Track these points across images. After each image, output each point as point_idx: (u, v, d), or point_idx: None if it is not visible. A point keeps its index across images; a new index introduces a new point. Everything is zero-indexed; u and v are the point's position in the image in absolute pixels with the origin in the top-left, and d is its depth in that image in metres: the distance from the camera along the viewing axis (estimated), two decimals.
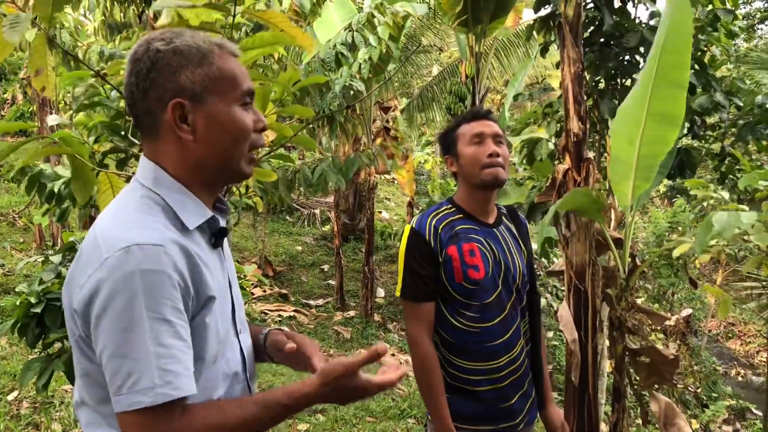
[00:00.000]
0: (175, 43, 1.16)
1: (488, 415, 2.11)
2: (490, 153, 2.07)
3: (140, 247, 1.05)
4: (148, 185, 1.18)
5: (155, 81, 1.15)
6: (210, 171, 1.20)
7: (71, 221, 7.83)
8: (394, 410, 4.97)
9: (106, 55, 4.43)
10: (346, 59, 4.62)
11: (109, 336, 1.04)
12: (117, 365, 1.03)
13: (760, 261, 3.53)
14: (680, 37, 2.99)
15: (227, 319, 1.25)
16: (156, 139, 1.19)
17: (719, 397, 10.22)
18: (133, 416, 1.03)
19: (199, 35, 1.20)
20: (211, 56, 1.17)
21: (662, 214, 12.55)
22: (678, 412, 3.43)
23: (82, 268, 1.10)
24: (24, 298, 2.58)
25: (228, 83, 1.18)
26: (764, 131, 4.74)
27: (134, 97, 1.17)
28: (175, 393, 1.03)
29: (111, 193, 1.83)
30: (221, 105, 1.17)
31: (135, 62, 1.16)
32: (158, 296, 1.04)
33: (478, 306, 2.08)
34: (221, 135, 1.18)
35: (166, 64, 1.14)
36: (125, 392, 1.02)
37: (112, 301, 1.03)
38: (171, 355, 1.04)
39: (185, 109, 1.15)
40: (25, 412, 4.04)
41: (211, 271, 1.18)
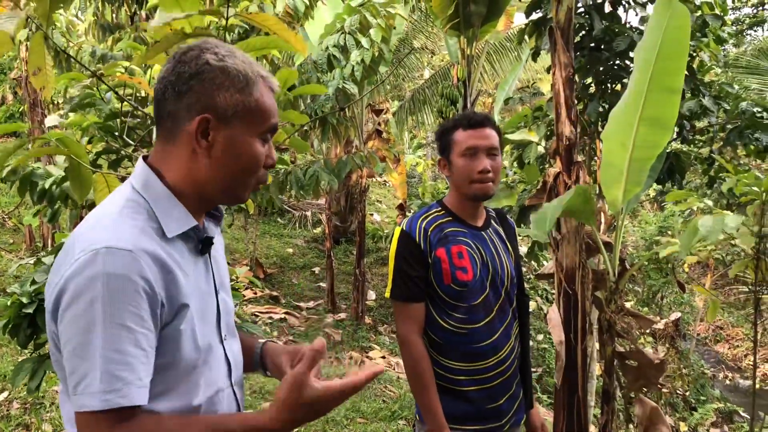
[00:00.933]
0: (226, 62, 1.17)
1: (476, 416, 2.13)
2: (481, 170, 2.08)
3: (109, 250, 1.05)
4: (137, 188, 1.19)
5: (192, 89, 1.16)
6: (210, 189, 1.21)
7: (62, 222, 7.80)
8: (384, 411, 4.98)
9: (98, 55, 4.43)
10: (338, 62, 4.64)
11: (69, 335, 1.04)
12: (74, 365, 1.04)
13: (746, 264, 3.57)
14: (678, 43, 3.03)
15: (210, 326, 1.25)
16: (170, 143, 1.20)
17: (707, 400, 10.29)
18: (83, 417, 1.04)
19: (250, 61, 1.21)
20: (253, 87, 1.19)
21: (652, 218, 12.63)
22: (663, 419, 3.45)
23: (57, 267, 1.11)
24: (16, 299, 2.58)
25: (258, 116, 1.20)
26: (752, 136, 4.79)
27: (166, 95, 1.18)
28: (121, 401, 1.03)
29: (107, 193, 1.83)
30: (244, 134, 1.19)
31: (181, 63, 1.17)
32: (120, 302, 1.03)
33: (465, 308, 2.10)
34: (234, 161, 1.19)
35: (210, 79, 1.16)
36: (78, 393, 1.03)
37: (75, 301, 1.04)
38: (125, 362, 1.03)
39: (210, 125, 1.16)
40: (15, 412, 4.02)
41: (189, 278, 1.18)
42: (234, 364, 1.33)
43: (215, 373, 1.25)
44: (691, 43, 4.87)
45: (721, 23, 4.87)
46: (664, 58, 3.05)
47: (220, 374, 1.27)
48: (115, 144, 2.38)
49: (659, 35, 3.03)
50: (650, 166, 3.32)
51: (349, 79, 4.69)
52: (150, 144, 2.59)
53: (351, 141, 9.23)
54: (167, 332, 1.12)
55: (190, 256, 1.22)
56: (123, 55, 3.29)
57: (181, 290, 1.14)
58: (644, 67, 3.12)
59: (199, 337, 1.19)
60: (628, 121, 3.19)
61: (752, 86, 9.57)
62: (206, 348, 1.21)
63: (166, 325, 1.12)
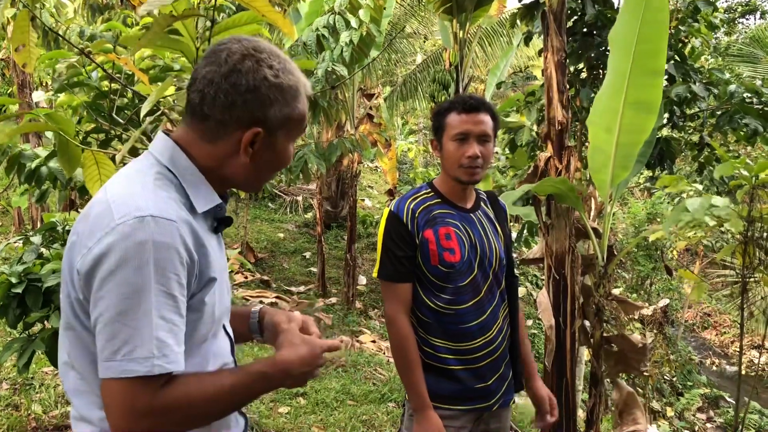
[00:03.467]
0: (281, 78, 1.19)
1: (464, 395, 2.14)
2: (470, 155, 2.07)
3: (155, 219, 1.06)
4: (164, 162, 1.19)
5: (247, 103, 1.16)
6: (237, 181, 1.27)
7: (51, 203, 7.76)
8: (374, 394, 5.01)
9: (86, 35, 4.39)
10: (328, 42, 4.61)
11: (111, 300, 1.04)
12: (115, 330, 1.04)
13: (734, 249, 3.60)
14: (656, 25, 3.03)
15: (225, 303, 1.29)
16: (208, 141, 1.20)
17: (694, 386, 10.41)
18: (121, 383, 1.03)
19: (299, 73, 1.24)
20: (299, 98, 1.23)
21: (641, 206, 12.69)
22: (638, 403, 3.50)
23: (90, 231, 1.10)
24: (4, 279, 2.57)
25: (299, 125, 1.25)
26: (741, 121, 4.80)
27: (216, 100, 1.16)
28: (169, 366, 1.05)
29: (96, 171, 1.82)
30: (285, 141, 1.24)
31: (235, 72, 1.16)
32: (167, 270, 1.06)
33: (452, 288, 2.12)
34: (271, 165, 1.26)
35: (266, 96, 1.18)
36: (119, 359, 1.03)
37: (121, 266, 1.04)
38: (170, 329, 1.06)
39: (258, 137, 1.19)
40: (5, 393, 4.02)
41: (215, 253, 1.21)
42: (233, 341, 1.36)
43: (222, 347, 1.29)
44: (683, 28, 4.88)
45: (712, 9, 4.88)
46: (645, 40, 3.05)
47: (226, 348, 1.31)
48: (104, 123, 2.36)
49: (638, 18, 3.03)
50: (639, 151, 3.34)
51: (338, 61, 4.67)
52: (139, 124, 2.57)
53: (342, 125, 9.21)
54: (192, 303, 1.15)
55: (209, 233, 1.24)
56: (112, 35, 3.26)
57: (211, 264, 1.18)
58: (624, 50, 3.12)
59: (217, 311, 1.23)
60: (612, 105, 3.20)
61: (744, 74, 9.61)
62: (218, 322, 1.26)
63: (193, 295, 1.15)
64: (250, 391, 1.19)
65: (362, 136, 5.11)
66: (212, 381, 1.14)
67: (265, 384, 1.20)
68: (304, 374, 1.23)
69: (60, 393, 4.08)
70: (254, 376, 1.18)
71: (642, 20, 3.02)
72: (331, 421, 4.42)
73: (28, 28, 1.80)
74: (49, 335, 2.58)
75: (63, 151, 1.83)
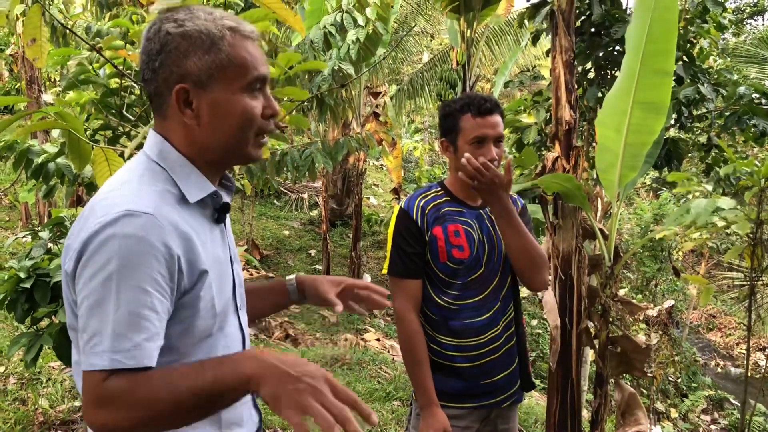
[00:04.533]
0: (185, 26, 1.14)
1: (471, 392, 2.15)
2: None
3: (129, 213, 1.05)
4: (153, 157, 1.19)
5: (163, 63, 1.14)
6: (215, 154, 1.20)
7: (58, 199, 7.79)
8: (379, 392, 5.01)
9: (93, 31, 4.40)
10: (335, 39, 4.61)
11: (85, 294, 1.05)
12: (85, 323, 1.04)
13: (742, 250, 3.59)
14: (666, 24, 3.02)
15: (227, 295, 1.25)
16: (163, 119, 1.20)
17: (698, 388, 10.37)
18: (86, 375, 1.03)
19: (214, 16, 1.17)
20: (221, 42, 1.15)
21: (647, 206, 12.66)
22: (640, 404, 3.49)
23: (76, 232, 1.11)
24: (13, 274, 2.58)
25: (236, 70, 1.16)
26: (749, 122, 4.79)
27: (145, 76, 1.18)
28: (128, 362, 1.02)
29: (107, 167, 1.83)
30: (226, 93, 1.16)
31: (147, 41, 1.16)
32: (136, 264, 1.03)
33: (460, 284, 2.13)
34: (225, 122, 1.17)
35: (174, 48, 1.13)
36: (87, 352, 1.03)
37: (91, 260, 1.04)
38: (136, 323, 1.03)
39: (189, 94, 1.14)
40: (12, 387, 4.04)
41: (205, 245, 1.18)
42: (246, 334, 1.34)
43: (231, 342, 1.26)
44: (692, 29, 4.86)
45: (721, 10, 4.86)
46: (654, 40, 3.04)
47: (236, 343, 1.28)
48: (114, 120, 2.37)
49: (647, 18, 3.02)
50: (647, 152, 3.33)
51: (345, 59, 4.67)
52: (148, 121, 2.58)
53: (348, 123, 9.21)
54: (187, 299, 1.13)
55: (206, 224, 1.22)
56: (120, 32, 3.27)
57: (199, 257, 1.14)
58: (635, 50, 3.11)
59: (217, 305, 1.19)
60: (621, 106, 3.19)
61: (751, 75, 9.57)
62: (223, 315, 1.22)
63: (185, 293, 1.13)
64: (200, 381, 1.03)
65: (368, 135, 5.11)
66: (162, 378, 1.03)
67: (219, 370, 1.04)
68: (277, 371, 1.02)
69: (66, 388, 4.09)
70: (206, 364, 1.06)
71: (651, 20, 3.01)
72: None
73: (40, 23, 1.81)
74: (56, 330, 2.59)
75: (73, 148, 1.84)
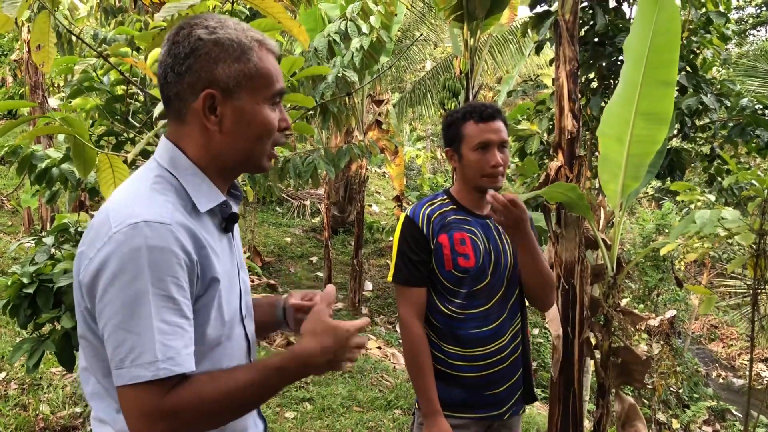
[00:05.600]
0: (218, 33, 1.16)
1: (474, 403, 2.14)
2: (494, 164, 2.09)
3: (148, 224, 1.06)
4: (164, 165, 1.20)
5: (191, 67, 1.15)
6: (230, 162, 1.22)
7: (60, 205, 7.79)
8: (380, 401, 5.00)
9: (99, 38, 4.42)
10: (339, 47, 4.62)
11: (114, 309, 1.05)
12: (120, 339, 1.05)
13: (745, 261, 3.58)
14: (668, 35, 3.03)
15: (235, 303, 1.27)
16: (181, 123, 1.21)
17: (700, 398, 10.33)
18: (132, 389, 1.04)
19: (243, 27, 1.20)
20: (250, 53, 1.18)
21: (650, 216, 12.65)
22: (640, 415, 3.48)
23: (91, 241, 1.11)
24: (16, 279, 2.58)
25: (262, 82, 1.19)
26: (753, 133, 4.79)
27: (167, 78, 1.18)
28: (176, 369, 1.05)
29: (111, 174, 1.83)
30: (251, 102, 1.18)
31: (174, 44, 1.17)
32: (163, 273, 1.05)
33: (465, 293, 2.12)
34: (246, 131, 1.19)
35: (205, 54, 1.15)
36: (127, 366, 1.04)
37: (119, 275, 1.05)
38: (173, 332, 1.06)
39: (216, 100, 1.16)
40: (13, 393, 4.03)
41: (217, 254, 1.19)
42: (252, 343, 1.35)
43: (237, 351, 1.27)
44: (695, 39, 4.87)
45: (725, 20, 4.87)
46: (657, 50, 3.04)
47: (242, 352, 1.29)
48: (120, 126, 2.37)
49: (649, 28, 3.03)
50: (650, 162, 3.33)
51: (349, 67, 4.68)
52: (152, 128, 2.58)
53: (351, 131, 9.23)
54: (198, 306, 1.14)
55: (216, 233, 1.23)
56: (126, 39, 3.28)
57: (212, 264, 1.16)
58: (636, 61, 3.11)
59: (226, 313, 1.21)
60: (623, 116, 3.19)
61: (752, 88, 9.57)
62: (231, 324, 1.24)
63: (198, 299, 1.14)
64: (266, 387, 1.16)
65: (371, 142, 5.11)
66: (226, 378, 1.12)
67: (283, 378, 1.16)
68: (329, 363, 1.18)
69: (68, 394, 4.09)
70: (270, 371, 1.14)
71: (654, 30, 3.02)
72: (338, 427, 4.42)
73: (48, 28, 1.81)
74: (59, 336, 2.58)
75: (78, 154, 1.85)
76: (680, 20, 3.07)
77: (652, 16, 3.03)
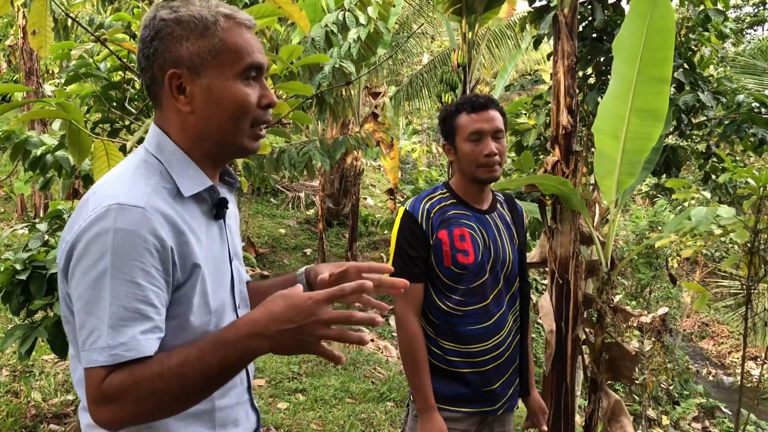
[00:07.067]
0: (179, 12, 1.14)
1: (470, 398, 2.14)
2: (488, 153, 2.07)
3: (120, 206, 1.04)
4: (151, 150, 1.18)
5: (157, 50, 1.14)
6: (210, 144, 1.19)
7: (54, 192, 7.76)
8: (373, 393, 5.00)
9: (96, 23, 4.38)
10: (336, 38, 4.60)
11: (79, 292, 1.04)
12: (82, 321, 1.04)
13: (739, 259, 3.59)
14: (663, 33, 3.03)
15: (224, 292, 1.24)
16: (159, 107, 1.20)
17: (690, 395, 10.38)
18: (89, 372, 1.03)
19: (210, 4, 1.17)
20: (214, 28, 1.14)
21: (643, 213, 12.67)
22: (625, 411, 3.50)
23: (70, 225, 1.10)
24: (9, 265, 2.57)
25: (230, 56, 1.14)
26: (748, 130, 4.80)
27: (141, 65, 1.18)
28: (128, 354, 1.01)
29: (106, 161, 1.82)
30: (220, 79, 1.14)
31: (143, 29, 1.16)
32: (129, 257, 1.02)
33: (463, 290, 2.11)
34: (219, 110, 1.15)
35: (168, 34, 1.13)
36: (87, 348, 1.02)
37: (83, 257, 1.04)
38: (131, 317, 1.02)
39: (183, 79, 1.14)
40: (5, 380, 4.02)
41: (200, 240, 1.16)
42: None
43: None
44: (693, 37, 4.87)
45: (723, 18, 4.87)
46: (652, 48, 3.05)
47: None
48: (117, 113, 2.35)
49: (644, 26, 3.03)
50: (645, 158, 3.33)
51: (346, 58, 4.66)
52: (149, 114, 2.57)
53: (347, 123, 9.21)
54: (180, 294, 1.12)
55: (203, 220, 1.21)
56: (122, 24, 3.26)
57: (192, 250, 1.13)
58: (630, 58, 3.12)
59: (211, 300, 1.18)
60: (618, 112, 3.20)
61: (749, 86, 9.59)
62: (219, 312, 1.20)
63: (179, 287, 1.12)
64: (205, 364, 1.02)
65: (368, 134, 5.10)
66: (160, 357, 1.04)
67: (222, 351, 1.02)
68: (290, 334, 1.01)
69: (59, 381, 4.08)
70: (206, 344, 1.04)
71: (648, 28, 3.03)
72: (330, 418, 4.42)
73: (45, 12, 1.79)
74: (51, 323, 2.58)
75: (73, 141, 1.83)
76: (674, 17, 3.07)
77: (647, 13, 3.04)
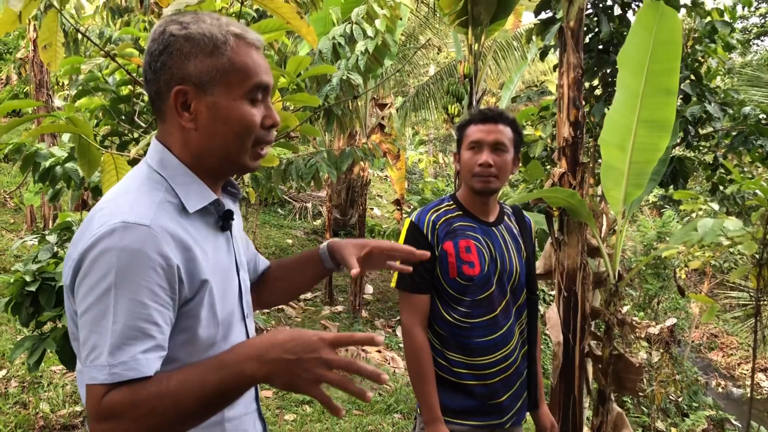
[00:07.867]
0: (189, 29, 1.14)
1: (476, 410, 2.13)
2: (481, 163, 2.09)
3: (126, 225, 1.04)
4: (153, 166, 1.18)
5: (165, 64, 1.15)
6: (212, 161, 1.19)
7: (63, 203, 7.81)
8: (380, 405, 4.99)
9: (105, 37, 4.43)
10: (344, 50, 4.63)
11: (84, 307, 1.04)
12: (84, 337, 1.04)
13: (747, 271, 3.58)
14: (669, 45, 3.05)
15: (232, 303, 1.24)
16: (163, 122, 1.20)
17: (699, 407, 10.30)
18: (89, 389, 1.03)
19: (220, 22, 1.17)
20: (223, 47, 1.15)
21: (651, 224, 12.63)
22: (627, 424, 3.48)
23: (75, 242, 1.11)
24: (19, 277, 2.58)
25: (237, 76, 1.15)
26: (756, 142, 4.79)
27: (147, 77, 1.19)
28: (128, 374, 1.01)
29: (115, 174, 1.83)
30: (227, 98, 1.15)
31: (152, 42, 1.17)
32: (134, 276, 1.03)
33: (469, 302, 2.11)
34: (222, 128, 1.16)
35: (177, 50, 1.14)
36: (87, 365, 1.03)
37: (89, 274, 1.04)
38: (134, 336, 1.02)
39: (189, 96, 1.14)
40: (14, 390, 4.03)
41: (207, 254, 1.17)
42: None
43: None
44: (699, 48, 4.88)
45: (730, 30, 4.88)
46: (658, 59, 3.07)
47: None
48: (126, 126, 2.37)
49: (650, 37, 3.05)
50: (653, 170, 3.33)
51: (354, 70, 4.69)
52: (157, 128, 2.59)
53: (354, 134, 9.23)
54: (187, 309, 1.12)
55: (209, 233, 1.21)
56: (131, 39, 3.29)
57: (199, 267, 1.13)
58: (637, 70, 3.13)
59: (219, 313, 1.18)
60: (625, 124, 3.21)
61: (755, 98, 9.58)
62: (227, 324, 1.21)
63: (186, 302, 1.12)
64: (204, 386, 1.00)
65: (375, 145, 5.12)
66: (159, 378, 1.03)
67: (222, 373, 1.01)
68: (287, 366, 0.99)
69: (68, 392, 4.09)
70: (206, 367, 1.02)
71: (654, 40, 3.04)
72: (337, 430, 4.41)
73: (56, 27, 1.81)
74: (60, 334, 2.59)
75: (83, 154, 1.84)
76: (681, 29, 3.09)
77: (653, 25, 3.05)
